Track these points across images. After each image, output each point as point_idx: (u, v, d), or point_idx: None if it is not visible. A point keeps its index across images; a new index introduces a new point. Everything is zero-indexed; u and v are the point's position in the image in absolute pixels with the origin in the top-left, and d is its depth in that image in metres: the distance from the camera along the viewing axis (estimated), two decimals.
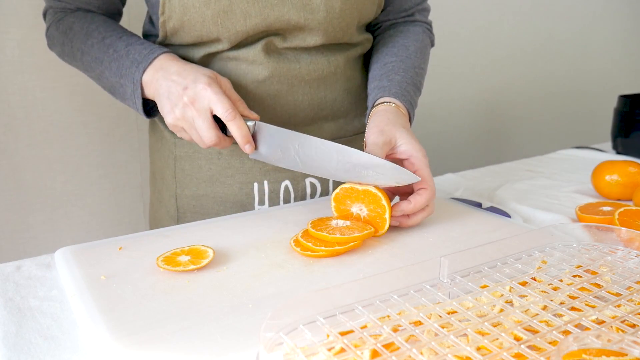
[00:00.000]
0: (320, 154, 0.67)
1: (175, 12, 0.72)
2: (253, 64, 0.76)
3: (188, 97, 0.68)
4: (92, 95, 1.12)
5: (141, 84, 0.72)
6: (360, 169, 0.65)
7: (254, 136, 0.70)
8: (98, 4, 0.80)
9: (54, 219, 1.14)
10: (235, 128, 0.68)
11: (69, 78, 1.09)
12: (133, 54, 0.73)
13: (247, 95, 0.78)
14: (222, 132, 0.70)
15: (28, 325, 0.50)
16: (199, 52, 0.77)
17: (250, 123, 0.70)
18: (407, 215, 0.67)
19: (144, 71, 0.72)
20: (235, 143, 0.71)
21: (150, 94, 0.73)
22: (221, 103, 0.67)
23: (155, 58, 0.72)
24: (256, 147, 0.71)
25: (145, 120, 1.16)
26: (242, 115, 0.70)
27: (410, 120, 0.77)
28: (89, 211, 1.18)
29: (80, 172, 1.15)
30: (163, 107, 0.70)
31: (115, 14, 0.84)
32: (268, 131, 0.70)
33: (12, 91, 1.04)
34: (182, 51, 0.79)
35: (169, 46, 0.80)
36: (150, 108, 0.78)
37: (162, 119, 0.84)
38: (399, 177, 0.65)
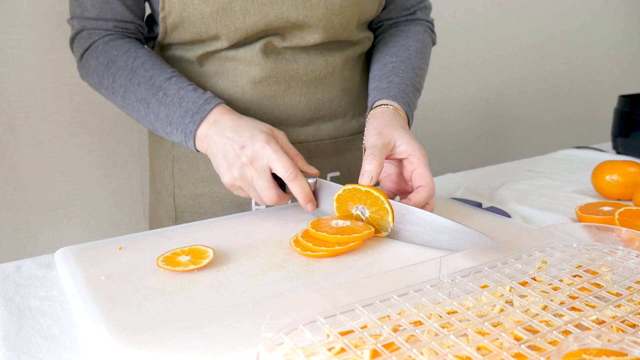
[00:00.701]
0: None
1: (174, 8, 0.72)
2: (250, 65, 0.76)
3: (246, 157, 0.65)
4: (92, 95, 1.12)
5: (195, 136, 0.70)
6: (434, 232, 0.62)
7: (314, 193, 0.69)
8: (132, 8, 0.76)
9: (54, 219, 1.14)
10: (298, 188, 0.66)
11: (69, 78, 1.09)
12: (186, 102, 0.70)
13: (243, 96, 0.78)
14: (281, 187, 0.68)
15: (28, 325, 0.50)
16: (197, 51, 0.77)
17: (311, 180, 0.68)
18: None
19: (200, 123, 0.69)
20: (295, 199, 0.69)
21: (202, 148, 0.70)
22: (281, 162, 0.65)
23: (210, 110, 0.69)
24: (317, 205, 0.69)
25: None
26: (302, 171, 0.68)
27: (409, 122, 0.77)
28: (89, 211, 1.18)
29: (80, 172, 1.15)
30: (219, 166, 0.68)
31: (143, 23, 0.81)
32: (329, 188, 0.68)
33: (12, 91, 1.04)
34: (180, 51, 0.79)
35: (169, 45, 0.80)
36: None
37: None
38: (472, 242, 0.61)
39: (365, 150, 0.69)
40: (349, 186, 0.66)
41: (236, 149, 0.66)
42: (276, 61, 0.77)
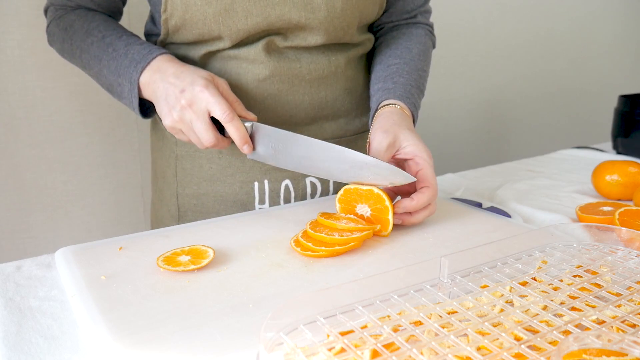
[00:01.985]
0: (317, 154, 0.68)
1: (177, 9, 0.72)
2: (254, 63, 0.76)
3: (185, 100, 0.68)
4: (92, 95, 1.12)
5: (139, 84, 0.72)
6: (357, 169, 0.66)
7: (252, 137, 0.71)
8: (99, 2, 0.80)
9: (54, 219, 1.14)
10: (233, 129, 0.68)
11: (69, 78, 1.09)
12: (132, 53, 0.73)
13: (247, 95, 0.78)
14: (221, 133, 0.71)
15: (28, 325, 0.50)
16: (200, 51, 0.77)
17: (247, 124, 0.70)
18: (410, 213, 0.67)
19: (142, 71, 0.72)
20: (234, 143, 0.72)
21: (147, 95, 0.73)
22: (219, 105, 0.67)
23: (153, 58, 0.72)
24: (254, 148, 0.71)
25: (145, 120, 1.16)
26: (240, 116, 0.71)
27: (413, 123, 0.77)
28: (89, 211, 1.18)
29: (80, 172, 1.15)
30: (161, 110, 0.71)
31: (115, 13, 0.84)
32: (265, 132, 0.70)
33: (12, 91, 1.04)
34: (183, 50, 0.79)
35: (171, 45, 0.80)
36: (147, 108, 0.78)
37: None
38: (393, 177, 0.65)
39: (369, 147, 0.69)
40: (350, 186, 0.67)
41: (176, 93, 0.69)
42: (279, 60, 0.77)
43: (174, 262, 0.56)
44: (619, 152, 1.17)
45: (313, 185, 0.84)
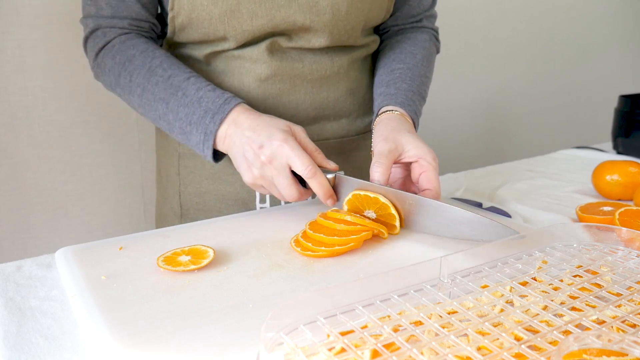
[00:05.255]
0: (409, 208, 0.65)
1: (183, 8, 0.73)
2: (256, 63, 0.76)
3: (265, 156, 0.66)
4: (93, 95, 1.12)
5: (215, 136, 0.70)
6: (456, 224, 0.63)
7: (334, 188, 0.69)
8: (148, 10, 0.76)
9: (54, 219, 1.14)
10: (317, 185, 0.66)
11: (70, 78, 1.09)
12: (206, 102, 0.70)
13: (248, 94, 0.78)
14: (301, 183, 0.69)
15: (28, 325, 0.50)
16: (204, 50, 0.77)
17: (330, 175, 0.68)
18: None
19: (220, 123, 0.69)
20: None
21: (222, 149, 0.71)
22: (300, 160, 0.65)
23: (230, 110, 0.69)
24: (338, 199, 0.69)
25: (146, 120, 1.16)
26: (320, 166, 0.68)
27: (414, 128, 0.77)
28: (89, 211, 1.18)
29: (80, 172, 1.15)
30: (239, 166, 0.69)
31: (160, 22, 0.81)
32: (348, 182, 0.68)
33: (13, 91, 1.04)
34: (188, 49, 0.79)
35: (177, 44, 0.80)
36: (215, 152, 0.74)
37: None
38: (494, 232, 0.61)
39: (373, 157, 0.70)
40: (360, 192, 0.67)
41: (255, 149, 0.66)
42: (282, 60, 0.77)
43: (174, 262, 0.56)
44: (619, 152, 1.17)
45: None
